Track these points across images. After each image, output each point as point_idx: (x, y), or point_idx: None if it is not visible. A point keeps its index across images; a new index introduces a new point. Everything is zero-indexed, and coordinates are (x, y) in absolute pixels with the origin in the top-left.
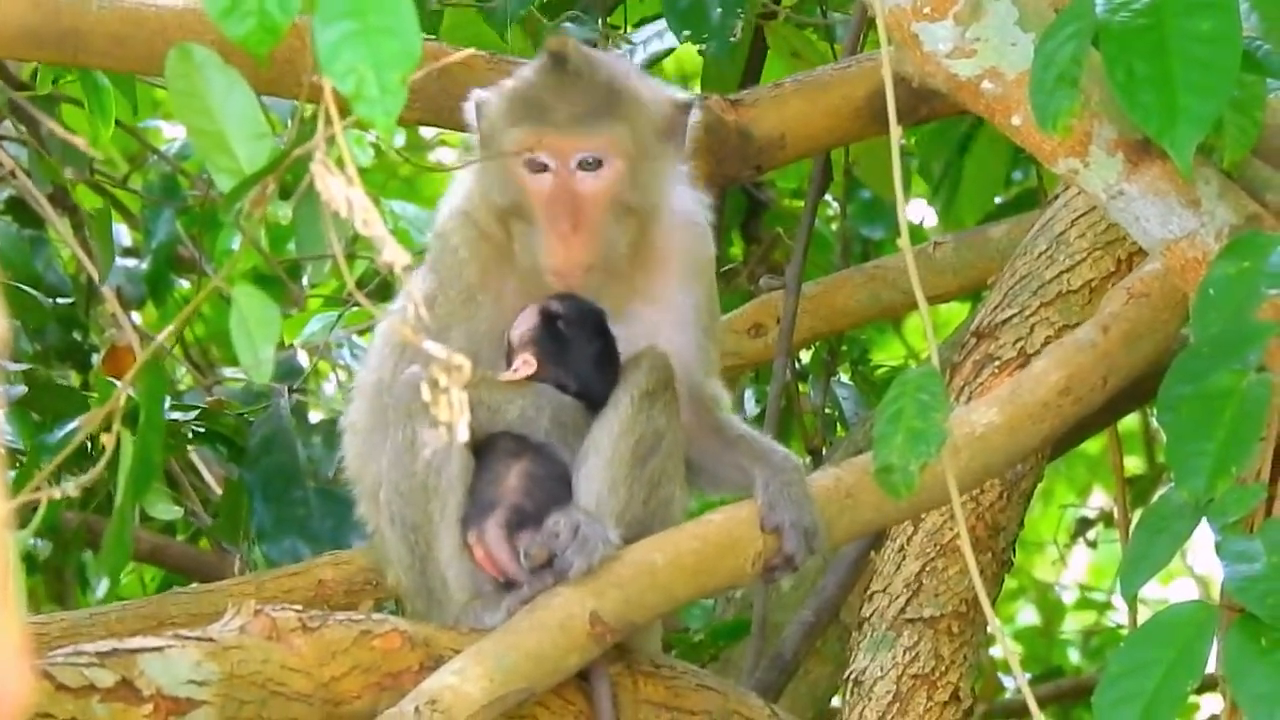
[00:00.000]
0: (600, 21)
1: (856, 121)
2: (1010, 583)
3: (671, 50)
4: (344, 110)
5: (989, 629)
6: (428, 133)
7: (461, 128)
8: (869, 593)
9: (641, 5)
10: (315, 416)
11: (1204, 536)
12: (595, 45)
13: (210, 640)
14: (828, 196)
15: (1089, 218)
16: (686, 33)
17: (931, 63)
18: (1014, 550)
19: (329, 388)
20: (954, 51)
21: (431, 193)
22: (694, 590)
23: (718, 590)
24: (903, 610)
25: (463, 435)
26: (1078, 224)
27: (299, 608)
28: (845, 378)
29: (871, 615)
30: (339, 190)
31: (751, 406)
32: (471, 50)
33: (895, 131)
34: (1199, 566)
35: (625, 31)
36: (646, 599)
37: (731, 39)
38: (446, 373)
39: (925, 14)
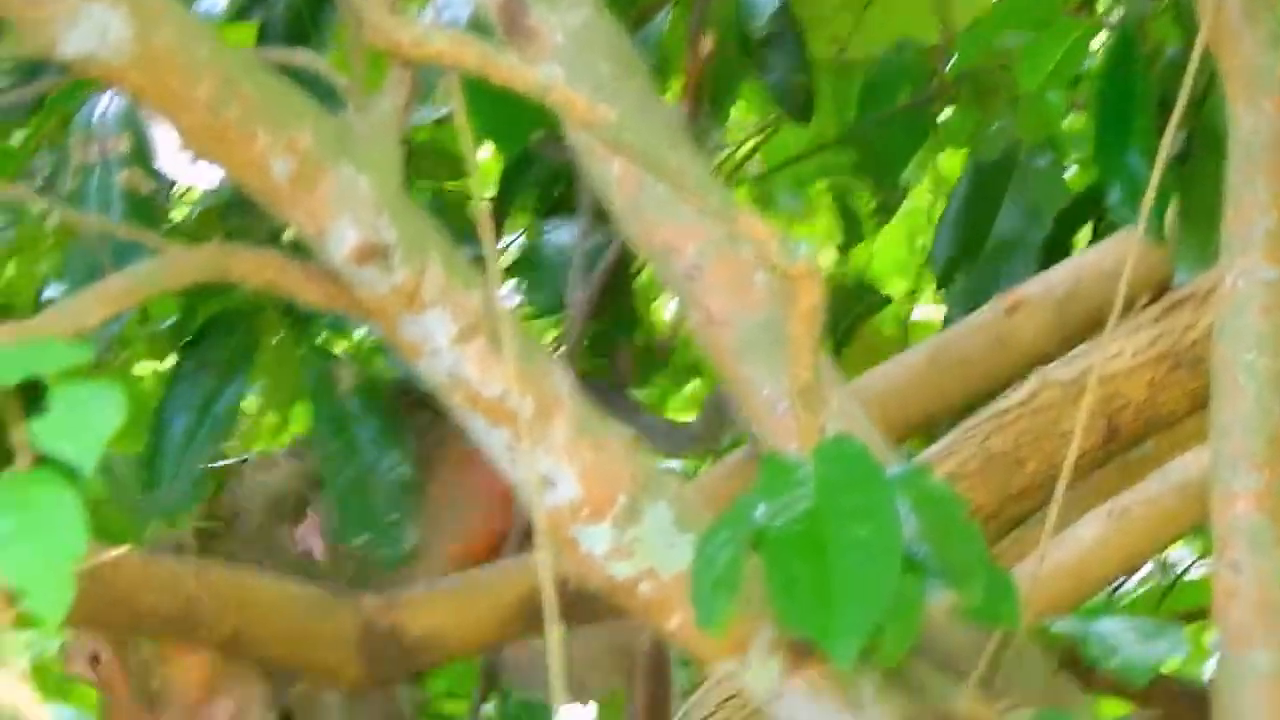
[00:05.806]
0: None
1: (512, 624)
2: None
3: None
4: None
5: None
6: None
7: None
8: None
9: None
10: None
11: None
12: None
13: None
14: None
15: (734, 702)
16: None
17: (588, 564)
18: None
19: None
20: (611, 553)
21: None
22: None
23: None
24: None
25: None
26: (723, 708)
27: None
28: None
29: None
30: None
31: None
32: None
33: (554, 633)
34: None
35: None
36: None
37: None
38: None
39: (584, 516)
